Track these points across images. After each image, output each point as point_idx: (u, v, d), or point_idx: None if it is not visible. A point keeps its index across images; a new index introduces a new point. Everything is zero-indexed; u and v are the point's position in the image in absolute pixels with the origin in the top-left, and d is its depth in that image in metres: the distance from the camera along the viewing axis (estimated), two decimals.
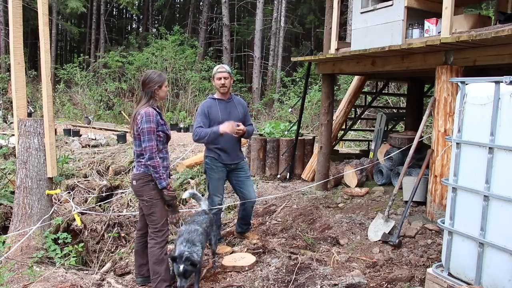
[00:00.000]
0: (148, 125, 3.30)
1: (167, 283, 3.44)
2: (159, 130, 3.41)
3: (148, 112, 3.33)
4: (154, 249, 3.42)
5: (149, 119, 3.31)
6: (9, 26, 4.37)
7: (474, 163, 2.85)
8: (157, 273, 3.41)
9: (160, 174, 3.33)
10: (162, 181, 3.33)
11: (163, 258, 3.44)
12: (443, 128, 4.40)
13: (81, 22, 29.00)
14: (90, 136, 10.00)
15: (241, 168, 4.42)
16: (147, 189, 3.40)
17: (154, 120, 3.34)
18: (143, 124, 3.30)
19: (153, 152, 3.31)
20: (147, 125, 3.30)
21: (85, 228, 5.37)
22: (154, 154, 3.31)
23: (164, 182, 3.34)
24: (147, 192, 3.40)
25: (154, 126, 3.33)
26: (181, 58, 17.55)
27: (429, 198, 4.54)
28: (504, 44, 3.78)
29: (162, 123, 3.47)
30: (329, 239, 4.57)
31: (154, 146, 3.32)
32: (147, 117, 3.31)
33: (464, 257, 2.92)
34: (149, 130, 3.30)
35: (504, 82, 2.62)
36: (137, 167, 3.47)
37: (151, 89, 3.45)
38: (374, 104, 9.66)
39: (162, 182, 3.34)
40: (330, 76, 6.41)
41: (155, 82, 3.46)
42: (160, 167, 3.33)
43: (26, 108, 4.52)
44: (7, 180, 6.30)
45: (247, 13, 25.54)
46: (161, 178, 3.33)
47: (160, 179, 3.33)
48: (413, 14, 4.75)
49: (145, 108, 3.38)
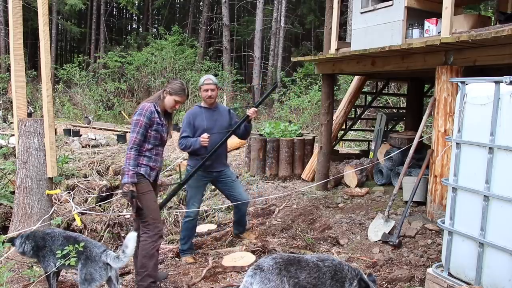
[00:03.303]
0: (138, 117, 3.30)
1: (152, 279, 3.36)
2: (153, 129, 3.36)
3: (144, 106, 3.35)
4: (146, 242, 3.33)
5: (142, 112, 3.31)
6: (9, 26, 4.37)
7: (474, 163, 2.85)
8: (144, 267, 3.32)
9: (128, 168, 3.21)
10: (125, 176, 3.21)
11: (154, 254, 3.36)
12: (443, 128, 4.40)
13: (81, 22, 29.01)
14: (90, 136, 10.00)
15: (225, 174, 4.38)
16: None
17: (147, 115, 3.31)
18: (135, 116, 3.32)
19: (132, 144, 3.26)
20: (137, 117, 3.30)
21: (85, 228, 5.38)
22: (132, 146, 3.26)
23: (126, 178, 3.21)
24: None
25: (144, 120, 3.29)
26: (180, 58, 17.55)
27: (429, 198, 4.54)
28: (504, 44, 3.78)
29: (160, 123, 3.41)
30: (329, 239, 4.57)
31: (136, 139, 3.27)
32: (140, 110, 3.33)
33: (464, 257, 2.92)
34: (137, 122, 3.29)
35: (504, 82, 2.62)
36: None
37: (163, 90, 3.49)
38: (374, 104, 9.65)
39: (125, 177, 3.21)
40: (330, 76, 6.41)
41: (170, 87, 3.47)
42: (130, 161, 3.23)
43: (26, 108, 4.51)
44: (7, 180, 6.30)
45: (247, 13, 25.53)
46: (126, 173, 3.22)
47: (125, 173, 3.22)
48: (413, 14, 4.75)
49: (145, 102, 3.42)
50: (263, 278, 2.51)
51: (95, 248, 3.11)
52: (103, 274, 3.05)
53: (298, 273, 2.59)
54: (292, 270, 2.58)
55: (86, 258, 3.07)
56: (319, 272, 2.63)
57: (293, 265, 2.61)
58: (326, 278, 2.63)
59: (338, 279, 2.64)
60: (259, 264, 2.60)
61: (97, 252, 3.08)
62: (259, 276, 2.52)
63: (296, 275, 2.58)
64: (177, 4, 31.27)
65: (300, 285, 2.57)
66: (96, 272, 3.03)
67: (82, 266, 3.07)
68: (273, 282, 2.50)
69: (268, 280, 2.50)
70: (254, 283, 2.51)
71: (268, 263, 2.58)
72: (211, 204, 6.40)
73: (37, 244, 3.31)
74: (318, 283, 2.61)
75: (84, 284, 3.04)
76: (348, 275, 2.65)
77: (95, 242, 3.26)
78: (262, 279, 2.50)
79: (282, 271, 2.55)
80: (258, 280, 2.51)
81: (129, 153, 3.26)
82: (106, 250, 3.12)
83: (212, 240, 4.86)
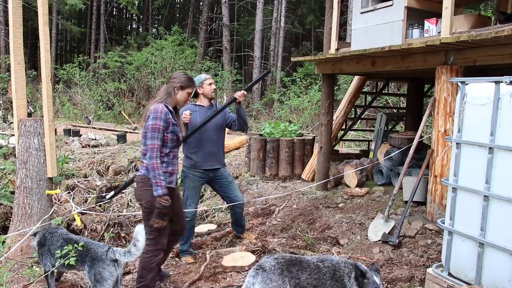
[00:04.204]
0: (154, 122, 3.03)
1: None
2: (170, 131, 3.14)
3: (157, 108, 3.08)
4: (146, 256, 3.20)
5: (156, 115, 3.05)
6: (9, 26, 4.36)
7: (474, 163, 2.85)
8: (143, 278, 3.22)
9: (157, 179, 3.00)
10: (158, 188, 3.00)
11: (153, 267, 3.24)
12: (443, 128, 4.40)
13: (81, 22, 29.01)
14: (90, 136, 10.00)
15: (221, 175, 4.38)
16: (146, 194, 3.11)
17: (163, 118, 3.06)
18: (149, 121, 3.05)
19: (154, 152, 3.02)
20: (152, 121, 3.04)
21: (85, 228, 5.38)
22: (155, 154, 3.02)
23: (160, 190, 3.00)
24: (147, 198, 3.12)
25: (161, 123, 3.05)
26: (180, 58, 17.55)
27: (429, 198, 4.54)
28: (504, 44, 3.78)
29: (175, 123, 3.20)
30: (329, 239, 4.57)
31: (157, 145, 3.03)
32: (154, 113, 3.05)
33: (464, 257, 2.93)
34: (154, 127, 3.03)
35: (504, 82, 2.62)
36: (140, 168, 3.21)
37: (171, 86, 3.24)
38: (374, 104, 9.66)
39: (158, 190, 3.00)
40: (330, 76, 6.40)
41: (178, 81, 3.25)
42: (158, 170, 3.01)
43: (26, 108, 4.51)
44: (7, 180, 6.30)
45: (247, 13, 25.53)
46: (158, 184, 3.00)
47: (156, 185, 3.00)
48: (413, 14, 4.75)
49: (156, 104, 3.14)
50: (265, 278, 2.51)
51: (99, 248, 3.10)
52: (112, 271, 3.00)
53: (299, 274, 2.59)
54: (294, 271, 2.58)
55: (92, 259, 3.04)
56: (319, 273, 2.63)
57: (295, 265, 2.61)
58: (326, 279, 2.63)
59: (337, 279, 2.65)
60: (261, 264, 2.60)
61: (102, 251, 3.05)
62: (261, 276, 2.52)
63: (297, 276, 2.58)
64: (177, 4, 31.26)
65: (301, 286, 2.57)
66: (105, 271, 2.99)
67: (90, 268, 3.03)
68: (275, 282, 2.50)
69: (270, 280, 2.50)
70: (256, 283, 2.51)
71: (270, 263, 2.57)
72: (211, 204, 6.40)
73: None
74: (319, 284, 2.61)
75: (96, 286, 2.98)
76: (346, 270, 2.66)
77: (97, 243, 3.26)
78: (264, 279, 2.50)
79: (284, 271, 2.55)
80: (260, 280, 2.51)
81: (153, 162, 3.00)
82: (111, 247, 3.09)
83: (212, 240, 4.87)
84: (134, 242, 2.96)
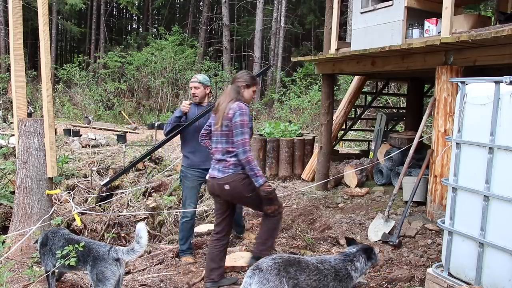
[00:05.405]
0: (242, 118, 3.15)
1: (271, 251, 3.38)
2: (250, 126, 3.30)
3: (241, 105, 3.21)
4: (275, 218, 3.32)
5: (242, 111, 3.17)
6: (9, 26, 4.37)
7: (474, 163, 2.85)
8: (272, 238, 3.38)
9: (255, 170, 3.11)
10: (258, 178, 3.11)
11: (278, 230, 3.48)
12: (443, 128, 4.40)
13: (81, 22, 29.00)
14: (90, 136, 10.00)
15: None
16: (246, 189, 3.20)
17: (248, 114, 3.21)
18: (237, 117, 3.15)
19: (246, 146, 3.13)
20: (241, 118, 3.15)
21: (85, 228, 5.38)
22: (248, 148, 3.14)
23: (261, 180, 3.11)
24: (248, 191, 3.21)
25: (247, 119, 3.19)
26: (180, 58, 17.55)
27: (429, 198, 4.54)
28: (504, 44, 3.78)
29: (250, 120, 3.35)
30: (329, 239, 4.57)
31: (247, 140, 3.16)
32: (240, 110, 3.17)
33: (464, 257, 2.92)
34: (243, 123, 3.15)
35: (504, 82, 2.62)
36: (223, 169, 3.25)
37: (238, 85, 3.36)
38: (374, 104, 9.66)
39: (259, 180, 3.11)
40: (330, 76, 6.41)
41: (244, 80, 3.39)
42: (254, 162, 3.14)
43: (26, 108, 4.51)
44: (7, 180, 6.30)
45: (247, 13, 25.52)
46: (258, 175, 3.11)
47: (257, 176, 3.11)
48: (413, 14, 4.75)
49: (236, 102, 3.24)
50: (262, 278, 2.50)
51: (101, 248, 3.10)
52: (114, 270, 3.01)
53: (298, 275, 2.58)
54: (292, 271, 2.57)
55: (94, 259, 3.04)
56: (319, 274, 2.62)
57: (293, 266, 2.60)
58: (329, 281, 2.63)
59: (341, 279, 2.65)
60: (258, 265, 2.60)
61: (103, 251, 3.05)
62: (257, 276, 2.52)
63: (295, 276, 2.57)
64: (177, 4, 31.26)
65: (300, 287, 2.57)
66: (107, 270, 2.99)
67: (92, 268, 3.03)
68: (272, 282, 2.49)
69: (266, 280, 2.50)
70: (253, 283, 2.51)
71: (267, 264, 2.57)
72: (211, 204, 6.39)
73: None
74: (320, 286, 2.61)
75: (98, 286, 2.99)
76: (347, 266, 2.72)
77: (99, 242, 3.26)
78: (261, 279, 2.50)
79: (281, 271, 2.54)
80: (256, 281, 2.50)
81: (247, 156, 3.12)
82: (113, 246, 3.10)
83: None
84: (137, 239, 2.97)
